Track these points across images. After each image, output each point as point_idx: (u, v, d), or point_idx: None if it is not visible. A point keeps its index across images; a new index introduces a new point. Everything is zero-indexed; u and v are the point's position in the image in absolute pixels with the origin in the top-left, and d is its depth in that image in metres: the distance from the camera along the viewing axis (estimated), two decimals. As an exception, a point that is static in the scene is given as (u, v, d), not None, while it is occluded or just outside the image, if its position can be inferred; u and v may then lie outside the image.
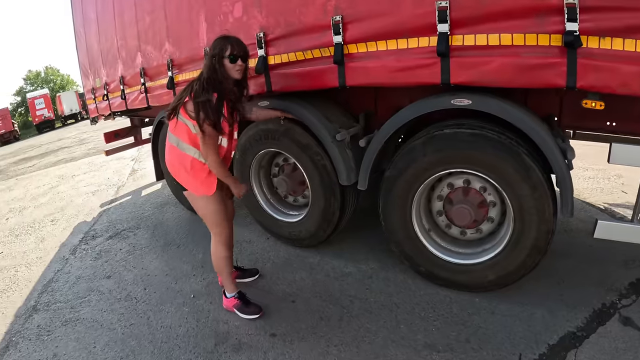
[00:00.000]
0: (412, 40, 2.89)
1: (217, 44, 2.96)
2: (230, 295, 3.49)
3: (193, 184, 3.12)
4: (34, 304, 4.34)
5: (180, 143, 3.04)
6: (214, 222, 3.27)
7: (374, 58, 3.08)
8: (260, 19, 3.60)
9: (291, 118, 3.69)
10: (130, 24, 5.36)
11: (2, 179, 14.39)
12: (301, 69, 3.48)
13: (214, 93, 2.84)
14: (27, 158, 19.30)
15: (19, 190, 10.89)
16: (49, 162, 15.37)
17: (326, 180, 3.73)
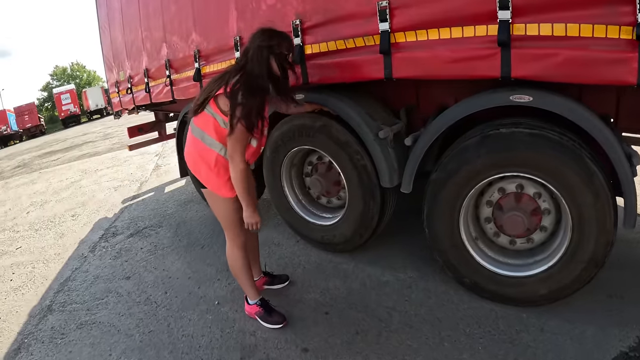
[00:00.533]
0: (467, 29, 2.57)
1: (270, 37, 2.77)
2: (252, 302, 3.23)
3: (215, 182, 2.85)
4: (49, 303, 4.17)
5: (205, 137, 2.78)
6: (231, 225, 3.02)
7: (424, 48, 2.78)
8: (296, 6, 3.33)
9: (328, 113, 3.43)
10: (155, 14, 5.15)
11: (26, 172, 14.56)
12: (341, 59, 3.20)
13: (259, 92, 2.67)
14: (52, 152, 19.50)
15: (41, 184, 10.92)
16: (72, 156, 15.43)
17: (365, 181, 3.44)
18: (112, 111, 7.94)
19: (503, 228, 3.03)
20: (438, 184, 3.00)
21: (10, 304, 4.38)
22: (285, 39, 2.80)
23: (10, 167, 17.60)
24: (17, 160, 20.42)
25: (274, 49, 2.71)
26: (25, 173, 14.21)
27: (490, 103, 2.77)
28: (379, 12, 2.85)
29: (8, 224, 7.69)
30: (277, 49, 2.72)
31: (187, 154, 2.96)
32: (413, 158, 3.14)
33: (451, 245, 3.09)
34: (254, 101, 2.59)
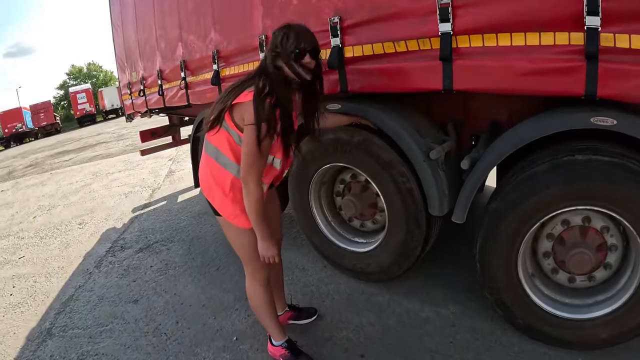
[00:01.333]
0: (546, 36, 2.10)
1: (281, 35, 2.27)
2: (277, 343, 2.77)
3: (231, 210, 2.42)
4: (49, 326, 3.81)
5: (220, 156, 2.37)
6: (251, 258, 2.56)
7: (494, 55, 2.30)
8: (334, 0, 2.86)
9: (367, 126, 2.97)
10: (170, 12, 4.75)
11: (37, 172, 14.53)
12: (389, 64, 2.71)
13: (283, 104, 2.22)
14: (65, 152, 19.53)
15: (51, 186, 10.77)
16: (85, 157, 15.30)
17: (410, 207, 2.97)
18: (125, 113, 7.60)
19: (564, 264, 2.59)
20: (497, 216, 2.54)
21: (8, 322, 4.06)
22: (293, 31, 2.26)
23: (23, 166, 17.65)
24: (30, 159, 20.50)
25: (287, 48, 2.22)
26: (37, 173, 14.12)
27: (568, 124, 2.30)
28: (439, 11, 2.36)
29: (14, 228, 7.48)
30: (290, 53, 2.21)
31: (200, 175, 2.55)
32: (470, 184, 2.67)
33: (506, 284, 2.64)
34: (273, 114, 2.16)
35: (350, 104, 3.05)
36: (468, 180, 2.66)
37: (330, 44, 2.90)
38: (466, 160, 2.65)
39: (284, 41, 2.22)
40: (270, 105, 2.12)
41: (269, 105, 2.12)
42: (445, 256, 3.71)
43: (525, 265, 2.62)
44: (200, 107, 4.91)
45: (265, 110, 2.11)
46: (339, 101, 3.08)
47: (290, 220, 4.80)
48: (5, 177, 15.72)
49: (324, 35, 2.89)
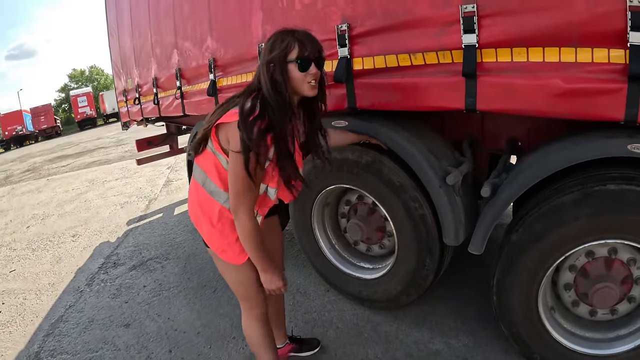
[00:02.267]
0: (582, 52, 1.82)
1: (276, 42, 1.90)
2: None
3: (219, 243, 2.12)
4: (37, 349, 3.59)
5: (207, 182, 2.08)
6: (245, 295, 2.30)
7: (523, 72, 2.01)
8: (342, 5, 2.58)
9: (376, 146, 2.71)
10: (166, 16, 4.52)
11: (34, 177, 14.44)
12: (404, 79, 2.41)
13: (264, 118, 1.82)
14: (63, 156, 19.42)
15: (47, 193, 10.61)
16: (82, 163, 15.14)
17: (423, 235, 2.71)
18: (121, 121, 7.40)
19: (586, 297, 2.36)
20: (518, 248, 2.29)
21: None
22: (295, 37, 1.88)
23: (20, 171, 17.55)
24: (28, 163, 20.41)
25: (286, 56, 1.86)
26: (33, 179, 13.97)
27: (603, 152, 2.04)
28: (463, 20, 2.07)
29: (6, 239, 7.29)
30: (287, 54, 1.86)
31: (189, 202, 2.26)
32: (491, 213, 2.40)
33: (524, 318, 2.40)
34: (263, 140, 1.81)
35: (358, 121, 2.78)
36: (488, 209, 2.40)
37: (337, 54, 2.63)
38: (487, 187, 2.39)
39: (283, 49, 1.86)
40: (259, 129, 1.78)
41: (259, 129, 1.78)
42: (455, 279, 3.46)
43: (545, 299, 2.40)
44: (197, 117, 4.70)
45: (254, 135, 1.77)
46: (346, 118, 2.82)
47: (291, 238, 4.55)
48: (2, 182, 15.55)
49: (330, 44, 2.63)
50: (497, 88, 2.08)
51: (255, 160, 1.81)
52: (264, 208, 2.18)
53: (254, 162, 1.81)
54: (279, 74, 1.86)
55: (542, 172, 2.19)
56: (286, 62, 1.86)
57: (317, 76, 1.93)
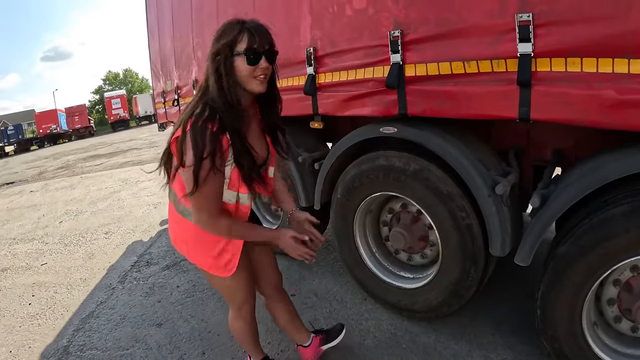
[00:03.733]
0: (635, 64, 1.78)
1: (224, 32, 1.77)
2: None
3: (203, 260, 2.10)
4: (66, 343, 3.60)
5: (177, 202, 2.04)
6: (235, 300, 2.35)
7: (577, 82, 1.97)
8: (395, 12, 2.55)
9: (425, 153, 2.67)
10: (209, 19, 4.53)
11: (67, 174, 14.59)
12: (457, 87, 2.37)
13: (215, 119, 1.71)
14: (97, 155, 19.62)
15: (80, 190, 10.70)
16: (115, 163, 15.28)
17: (469, 245, 2.65)
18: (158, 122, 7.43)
19: (629, 312, 2.28)
20: (565, 261, 2.22)
21: (23, 334, 3.87)
22: (244, 27, 1.75)
23: (54, 168, 17.81)
24: (61, 160, 20.71)
25: (232, 47, 1.73)
26: (67, 176, 14.15)
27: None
28: (519, 29, 2.04)
29: (39, 232, 7.40)
30: (234, 46, 1.73)
31: (169, 224, 2.24)
32: (539, 225, 2.32)
33: (567, 333, 2.33)
34: (217, 143, 1.69)
35: (407, 127, 2.74)
36: (538, 220, 2.32)
37: (390, 60, 2.60)
38: (536, 197, 2.33)
39: (230, 41, 1.73)
40: (212, 132, 1.67)
41: (211, 132, 1.67)
42: (492, 290, 3.38)
43: (589, 314, 2.32)
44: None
45: (207, 139, 1.66)
46: (395, 124, 2.78)
47: (327, 246, 4.52)
48: (36, 177, 15.82)
49: (381, 50, 2.62)
50: (551, 98, 2.05)
51: (209, 167, 1.68)
52: (241, 216, 2.06)
53: (208, 168, 1.68)
54: (224, 67, 1.73)
55: (595, 183, 2.12)
56: (232, 54, 1.74)
57: (268, 71, 1.82)
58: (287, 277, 3.99)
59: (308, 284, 3.86)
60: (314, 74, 3.14)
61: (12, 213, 9.63)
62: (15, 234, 7.60)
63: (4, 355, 3.57)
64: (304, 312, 3.43)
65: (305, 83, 3.18)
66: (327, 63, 3.06)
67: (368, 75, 2.74)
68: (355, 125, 3.53)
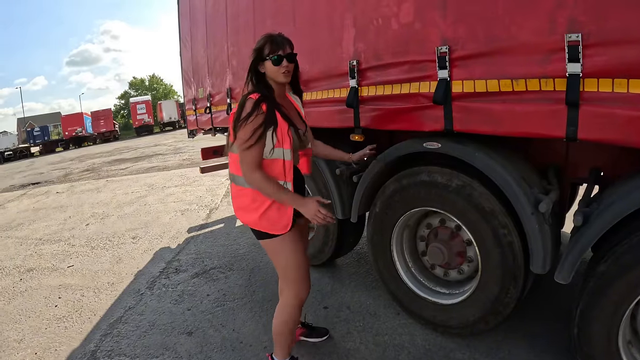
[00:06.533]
0: None
1: (256, 47, 2.42)
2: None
3: (260, 219, 2.45)
4: (93, 348, 3.57)
5: (236, 178, 2.50)
6: (295, 278, 2.56)
7: (623, 103, 1.94)
8: (443, 27, 2.53)
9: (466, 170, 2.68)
10: (245, 28, 4.55)
11: (93, 177, 14.74)
12: (504, 104, 2.35)
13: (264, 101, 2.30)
14: (122, 160, 19.77)
15: (106, 194, 10.77)
16: (141, 168, 15.37)
17: (509, 262, 2.62)
18: (185, 126, 7.47)
19: None
20: (605, 279, 2.20)
21: (49, 336, 3.86)
22: (269, 39, 2.39)
23: (79, 170, 18.00)
24: (87, 163, 20.93)
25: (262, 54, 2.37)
26: (92, 179, 14.29)
27: None
28: (568, 49, 2.02)
29: (65, 234, 7.44)
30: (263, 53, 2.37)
31: (234, 206, 2.61)
32: (581, 243, 2.27)
33: (603, 352, 2.29)
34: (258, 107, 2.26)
35: (452, 143, 2.71)
36: (579, 238, 2.29)
37: (436, 76, 2.57)
38: (579, 216, 2.29)
39: (261, 47, 2.36)
40: (253, 101, 2.25)
41: (252, 101, 2.25)
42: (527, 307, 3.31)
43: (624, 332, 2.28)
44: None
45: (253, 105, 2.23)
46: (439, 139, 2.76)
47: (358, 258, 4.49)
48: (62, 178, 16.01)
49: (428, 65, 2.60)
50: (598, 118, 2.03)
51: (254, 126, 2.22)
52: (288, 173, 2.42)
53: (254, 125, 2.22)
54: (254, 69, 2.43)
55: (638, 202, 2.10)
56: (263, 59, 2.38)
57: (290, 68, 2.42)
58: (319, 289, 3.97)
59: (340, 297, 3.81)
60: (356, 87, 3.12)
61: (38, 213, 9.73)
62: (41, 234, 7.67)
63: (29, 357, 3.56)
64: (336, 326, 3.40)
65: (347, 96, 3.16)
66: (371, 76, 3.03)
67: (413, 90, 2.71)
68: (393, 139, 3.51)
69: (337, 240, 3.94)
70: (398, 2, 2.76)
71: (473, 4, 2.38)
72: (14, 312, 4.49)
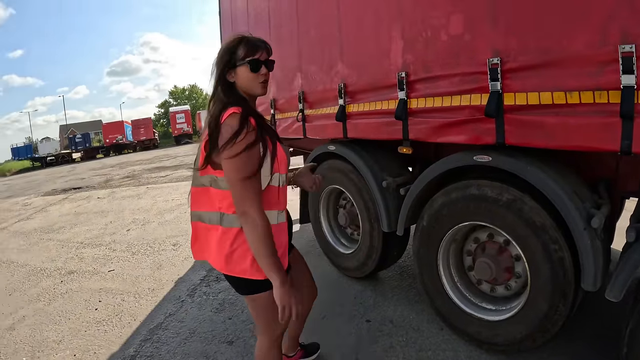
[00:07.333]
0: None
1: (224, 49, 1.99)
2: None
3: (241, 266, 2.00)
4: (133, 353, 3.59)
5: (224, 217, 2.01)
6: (272, 320, 2.10)
7: None
8: (493, 39, 2.49)
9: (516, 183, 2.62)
10: (289, 39, 4.55)
11: (133, 184, 14.92)
12: (558, 117, 2.28)
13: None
14: (162, 167, 20.01)
15: (146, 200, 10.89)
16: (181, 176, 15.53)
17: (559, 278, 2.54)
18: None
19: None
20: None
21: (89, 339, 3.91)
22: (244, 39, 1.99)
23: (120, 177, 18.29)
24: (127, 170, 21.28)
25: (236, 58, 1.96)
26: (133, 185, 14.50)
27: None
28: (622, 61, 1.97)
29: (106, 238, 7.56)
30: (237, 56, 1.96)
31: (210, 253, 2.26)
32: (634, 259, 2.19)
33: None
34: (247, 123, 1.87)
35: (503, 157, 2.65)
36: (632, 254, 2.21)
37: (488, 88, 2.52)
38: (632, 232, 2.22)
39: (233, 50, 1.95)
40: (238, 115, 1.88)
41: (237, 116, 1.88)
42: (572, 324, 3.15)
43: None
44: (314, 141, 4.68)
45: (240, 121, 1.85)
46: (490, 153, 2.70)
47: (401, 271, 4.44)
48: (103, 184, 16.34)
49: (480, 77, 2.55)
50: None
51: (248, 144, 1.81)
52: (282, 201, 2.10)
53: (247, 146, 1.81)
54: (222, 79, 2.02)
55: None
56: (235, 65, 1.97)
57: (267, 77, 2.03)
58: (361, 302, 3.92)
59: (383, 311, 3.74)
60: (405, 99, 3.08)
61: (79, 217, 9.94)
62: (82, 238, 7.82)
63: (68, 359, 3.61)
64: (379, 339, 3.34)
65: (396, 108, 3.12)
66: (420, 88, 2.99)
67: (464, 103, 2.67)
68: (439, 151, 3.46)
69: (381, 253, 3.88)
70: (447, 13, 2.73)
71: (523, 16, 2.34)
72: (54, 313, 4.57)
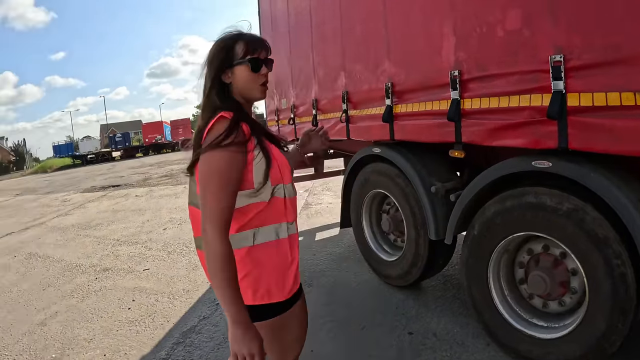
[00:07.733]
0: None
1: (219, 46, 1.71)
2: None
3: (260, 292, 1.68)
4: (164, 356, 3.52)
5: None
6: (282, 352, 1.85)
7: None
8: (554, 35, 2.29)
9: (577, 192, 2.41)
10: (333, 37, 4.43)
11: (171, 183, 15.02)
12: (625, 120, 2.07)
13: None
14: (200, 167, 20.01)
15: (184, 200, 10.87)
16: (218, 176, 15.48)
17: (621, 295, 2.33)
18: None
19: None
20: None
21: (120, 339, 3.85)
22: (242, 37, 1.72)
23: (158, 175, 18.45)
24: (165, 169, 21.45)
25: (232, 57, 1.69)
26: (171, 184, 14.57)
27: None
28: None
29: (142, 237, 7.60)
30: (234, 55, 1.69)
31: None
32: None
33: None
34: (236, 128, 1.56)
35: (563, 162, 2.44)
36: None
37: (550, 87, 2.32)
38: None
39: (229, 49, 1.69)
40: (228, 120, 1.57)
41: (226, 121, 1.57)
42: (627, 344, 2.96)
43: None
44: (358, 142, 4.53)
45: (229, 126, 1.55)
46: (549, 158, 2.49)
47: (444, 281, 4.25)
48: (141, 182, 16.49)
49: (540, 76, 2.35)
50: None
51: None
52: (289, 214, 1.77)
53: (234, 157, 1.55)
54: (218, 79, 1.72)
55: None
56: (231, 65, 1.70)
57: (267, 77, 1.78)
58: (404, 313, 3.75)
59: (426, 323, 3.56)
60: (458, 99, 2.89)
61: (117, 215, 10.03)
62: (119, 236, 7.87)
63: (98, 358, 3.56)
64: (422, 353, 3.16)
65: (448, 108, 2.94)
66: (474, 88, 2.81)
67: (523, 103, 2.47)
68: (489, 155, 3.25)
69: (427, 262, 3.70)
70: (503, 7, 2.56)
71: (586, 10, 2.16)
72: (87, 311, 4.55)
